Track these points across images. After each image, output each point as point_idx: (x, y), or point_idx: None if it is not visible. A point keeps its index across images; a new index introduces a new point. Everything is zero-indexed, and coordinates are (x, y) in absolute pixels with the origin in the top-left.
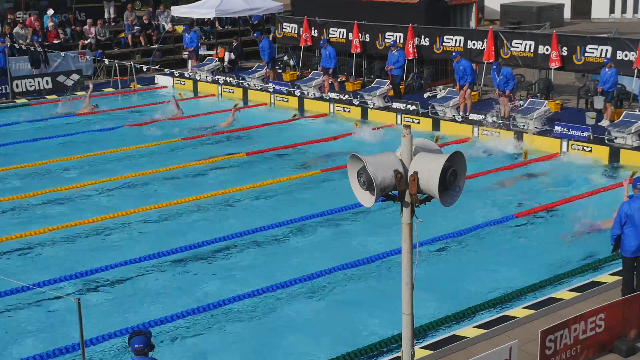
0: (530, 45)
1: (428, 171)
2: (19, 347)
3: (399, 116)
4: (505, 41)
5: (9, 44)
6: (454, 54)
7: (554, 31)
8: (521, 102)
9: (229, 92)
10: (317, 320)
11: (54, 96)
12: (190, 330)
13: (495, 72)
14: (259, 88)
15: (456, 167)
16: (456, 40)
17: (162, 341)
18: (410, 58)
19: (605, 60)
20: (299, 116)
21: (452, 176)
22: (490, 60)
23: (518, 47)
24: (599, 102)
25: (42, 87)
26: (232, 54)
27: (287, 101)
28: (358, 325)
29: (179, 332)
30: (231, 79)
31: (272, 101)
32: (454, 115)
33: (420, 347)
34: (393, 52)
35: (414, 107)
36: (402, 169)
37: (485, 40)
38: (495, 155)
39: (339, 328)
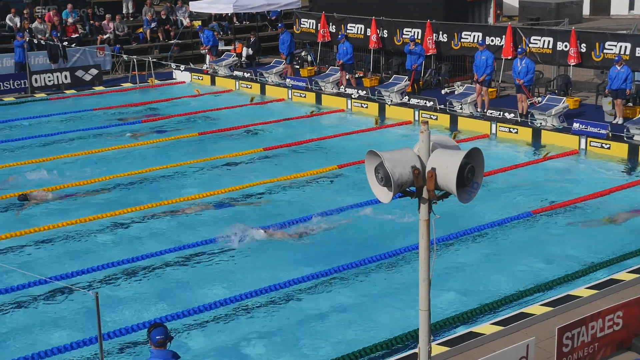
0: (549, 41)
1: (446, 167)
2: (39, 340)
3: (416, 112)
4: (523, 37)
5: (27, 38)
6: (480, 42)
7: (573, 27)
8: (539, 99)
9: (247, 87)
10: (333, 315)
11: (72, 91)
12: (219, 321)
13: (519, 60)
14: (277, 83)
15: (474, 163)
16: (474, 36)
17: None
18: (428, 54)
19: (617, 58)
20: (316, 112)
21: (469, 172)
22: (509, 57)
23: (537, 44)
24: (605, 104)
25: (60, 82)
26: (249, 49)
27: (305, 97)
28: (375, 321)
29: (208, 325)
30: (249, 74)
31: (290, 97)
32: (471, 112)
33: (437, 344)
34: (412, 47)
35: (431, 103)
36: (420, 165)
37: (503, 36)
38: (513, 152)
39: (356, 323)
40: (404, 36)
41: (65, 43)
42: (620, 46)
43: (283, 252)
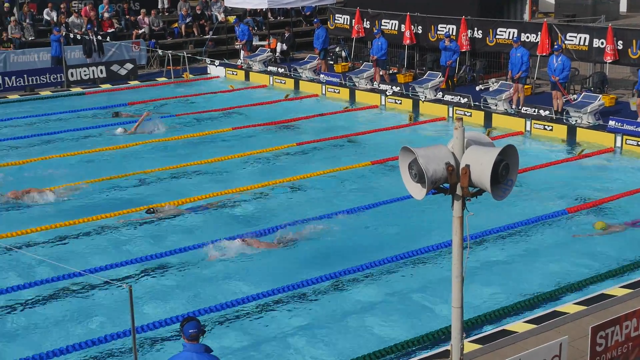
0: (585, 38)
1: (480, 164)
2: (72, 332)
3: (450, 109)
4: (559, 34)
5: (64, 33)
6: (514, 39)
7: (610, 24)
8: (575, 96)
9: (281, 82)
10: (365, 311)
11: (107, 85)
12: (252, 316)
13: (554, 57)
14: (311, 79)
15: (508, 160)
16: (510, 32)
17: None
18: (462, 50)
19: None
20: (349, 108)
21: (504, 169)
22: (544, 54)
23: (572, 40)
24: (631, 103)
25: (96, 76)
26: (284, 44)
27: (339, 92)
28: (408, 316)
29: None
30: (283, 69)
31: (324, 92)
32: (506, 109)
33: (470, 341)
34: (447, 44)
35: (466, 99)
36: (454, 162)
37: (539, 33)
38: (548, 150)
39: (391, 318)
40: (438, 32)
41: (99, 38)
42: None
43: (313, 247)
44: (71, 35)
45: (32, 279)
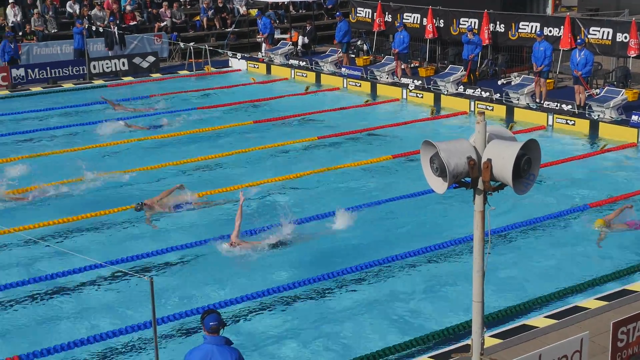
0: (608, 32)
1: (502, 158)
2: (95, 323)
3: (472, 103)
4: (582, 28)
5: (87, 25)
6: (538, 32)
7: (633, 19)
8: (598, 91)
9: (302, 75)
10: (384, 303)
11: (129, 78)
12: (275, 308)
13: (577, 51)
14: (332, 72)
15: (530, 155)
16: (532, 26)
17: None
18: (484, 44)
19: None
20: (370, 101)
21: (526, 164)
22: (567, 48)
23: (595, 35)
24: None
25: (118, 69)
26: (305, 37)
27: (360, 86)
28: (429, 311)
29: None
30: (304, 62)
31: (345, 85)
32: (528, 103)
33: (490, 336)
34: (470, 37)
35: (487, 93)
36: (476, 156)
37: (562, 27)
38: (570, 144)
39: (411, 311)
40: (460, 26)
41: (120, 31)
42: None
43: (330, 241)
44: (93, 28)
45: (53, 271)
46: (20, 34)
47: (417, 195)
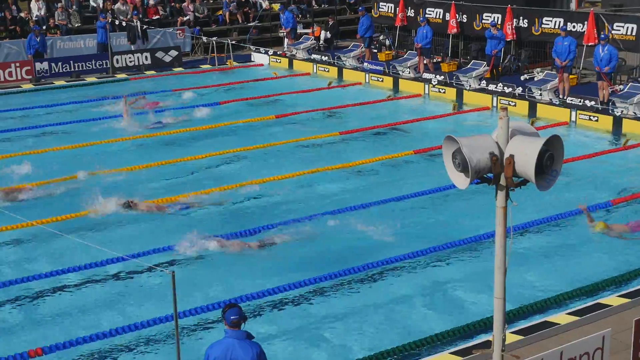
0: (632, 28)
1: (525, 154)
2: (117, 316)
3: (494, 98)
4: (606, 24)
5: (110, 19)
6: (562, 27)
7: None
8: (621, 87)
9: (324, 70)
10: (404, 300)
11: (152, 72)
12: (295, 304)
13: (601, 46)
14: (354, 67)
15: (553, 151)
16: (556, 22)
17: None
18: (507, 40)
19: None
20: (392, 96)
21: (549, 160)
22: (590, 43)
23: (619, 30)
24: None
25: (141, 63)
26: (328, 32)
27: (382, 81)
28: (449, 306)
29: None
30: (326, 57)
31: (367, 81)
32: (551, 99)
33: (511, 332)
34: (494, 32)
35: (510, 89)
36: (498, 152)
37: (585, 22)
38: (593, 140)
39: (433, 308)
40: (483, 21)
41: (142, 26)
42: None
43: (352, 236)
44: (117, 22)
45: (76, 264)
46: (44, 27)
47: (439, 191)
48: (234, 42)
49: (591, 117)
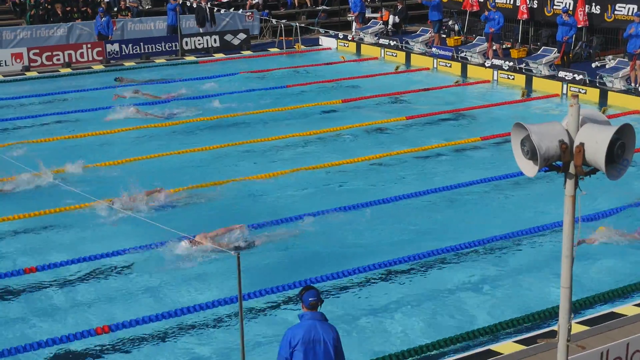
0: None
1: (595, 143)
2: (181, 297)
3: (564, 85)
4: None
5: (180, 2)
6: (636, 13)
7: None
8: None
9: (392, 55)
10: (470, 288)
11: (221, 54)
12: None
13: None
14: (422, 52)
15: (625, 139)
16: (629, 8)
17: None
18: (579, 26)
19: None
20: (461, 82)
21: (620, 149)
22: None
23: None
24: None
25: (210, 45)
26: (396, 17)
27: (450, 66)
28: (515, 295)
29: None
30: (394, 42)
31: (435, 66)
32: (623, 87)
33: (577, 322)
34: (565, 19)
35: (581, 76)
36: (568, 140)
37: None
38: None
39: (498, 296)
40: (555, 7)
41: (214, 9)
42: None
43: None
44: (187, 4)
45: (141, 244)
46: (115, 9)
47: (506, 178)
48: (302, 25)
49: None
